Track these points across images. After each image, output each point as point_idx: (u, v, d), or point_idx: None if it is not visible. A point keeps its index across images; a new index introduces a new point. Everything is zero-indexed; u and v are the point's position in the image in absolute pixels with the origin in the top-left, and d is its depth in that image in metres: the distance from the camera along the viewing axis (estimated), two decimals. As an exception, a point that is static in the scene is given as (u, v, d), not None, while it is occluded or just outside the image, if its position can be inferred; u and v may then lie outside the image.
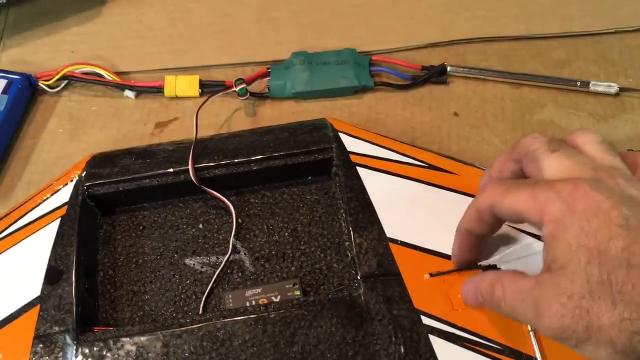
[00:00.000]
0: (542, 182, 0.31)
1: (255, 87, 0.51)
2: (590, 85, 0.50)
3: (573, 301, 0.28)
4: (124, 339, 0.36)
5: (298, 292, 0.39)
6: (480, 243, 0.36)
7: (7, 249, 0.40)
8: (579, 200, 0.29)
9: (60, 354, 0.35)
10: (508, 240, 0.38)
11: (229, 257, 0.41)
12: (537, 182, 0.32)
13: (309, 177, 0.45)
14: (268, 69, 0.51)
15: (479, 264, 0.38)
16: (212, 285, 0.40)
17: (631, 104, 0.50)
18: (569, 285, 0.28)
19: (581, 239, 0.28)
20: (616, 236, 0.28)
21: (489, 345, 0.35)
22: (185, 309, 0.40)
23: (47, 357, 0.35)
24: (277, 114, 0.51)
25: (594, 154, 0.32)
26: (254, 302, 0.38)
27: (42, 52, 0.55)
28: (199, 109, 0.46)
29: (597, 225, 0.28)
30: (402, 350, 0.35)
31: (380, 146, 0.43)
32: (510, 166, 0.35)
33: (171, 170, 0.42)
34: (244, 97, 0.50)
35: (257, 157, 0.43)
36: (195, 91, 0.51)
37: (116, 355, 0.35)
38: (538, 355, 0.35)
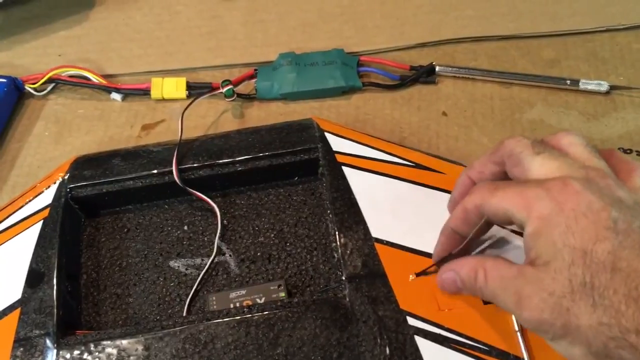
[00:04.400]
0: (531, 181, 0.31)
1: (242, 88, 0.51)
2: (580, 84, 0.49)
3: (553, 298, 0.28)
4: (105, 342, 0.35)
5: (283, 294, 0.38)
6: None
7: (-12, 253, 0.40)
8: (568, 198, 0.29)
9: (41, 357, 0.35)
10: (488, 235, 0.38)
11: (213, 259, 0.41)
12: (526, 181, 0.31)
13: (296, 178, 0.44)
14: (255, 70, 0.51)
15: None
16: (197, 287, 0.40)
17: (622, 102, 0.49)
18: (551, 282, 0.28)
19: (567, 238, 0.28)
20: (603, 239, 0.27)
21: (476, 346, 0.34)
22: (169, 311, 0.39)
23: (27, 361, 0.35)
24: (264, 115, 0.50)
25: (579, 155, 0.32)
26: (238, 304, 0.38)
27: (30, 56, 0.55)
28: (184, 111, 0.46)
29: (585, 225, 0.28)
30: (388, 351, 0.34)
31: (366, 145, 0.43)
32: (491, 167, 0.35)
33: (155, 171, 0.42)
34: (231, 99, 0.49)
35: (242, 158, 0.42)
36: (183, 93, 0.51)
37: (97, 359, 0.35)
38: (525, 356, 0.34)
